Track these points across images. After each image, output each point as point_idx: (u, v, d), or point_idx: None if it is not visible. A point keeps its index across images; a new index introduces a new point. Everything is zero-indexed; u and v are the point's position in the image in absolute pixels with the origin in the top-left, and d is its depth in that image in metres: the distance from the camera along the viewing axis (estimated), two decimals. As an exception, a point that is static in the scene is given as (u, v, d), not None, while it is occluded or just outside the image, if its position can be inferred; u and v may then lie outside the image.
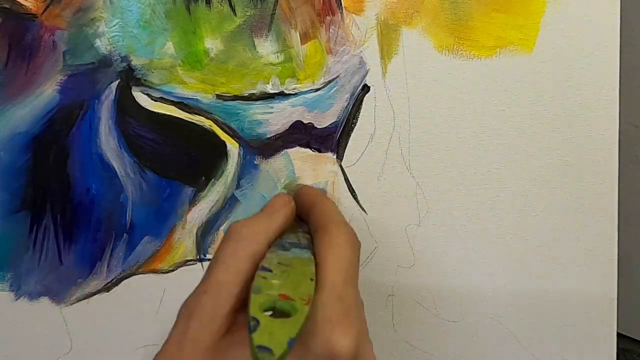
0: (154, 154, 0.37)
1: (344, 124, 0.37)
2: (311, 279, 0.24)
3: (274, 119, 0.37)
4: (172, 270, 0.38)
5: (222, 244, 0.26)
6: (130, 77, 0.36)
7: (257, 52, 0.36)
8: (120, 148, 0.37)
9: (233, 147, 0.37)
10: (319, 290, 0.24)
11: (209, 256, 0.38)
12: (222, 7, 0.36)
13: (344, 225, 0.27)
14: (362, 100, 0.37)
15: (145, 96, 0.36)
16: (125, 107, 0.36)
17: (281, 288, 0.23)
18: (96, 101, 0.36)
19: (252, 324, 0.21)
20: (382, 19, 0.37)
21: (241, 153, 0.37)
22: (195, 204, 0.37)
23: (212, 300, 0.24)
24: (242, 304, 0.25)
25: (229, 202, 0.37)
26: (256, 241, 0.26)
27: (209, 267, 0.26)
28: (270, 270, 0.24)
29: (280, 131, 0.37)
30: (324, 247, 0.26)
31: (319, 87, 0.37)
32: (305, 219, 0.30)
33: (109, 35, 0.36)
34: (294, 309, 0.22)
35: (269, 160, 0.37)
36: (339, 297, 0.24)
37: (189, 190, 0.37)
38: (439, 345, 0.39)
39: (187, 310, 0.25)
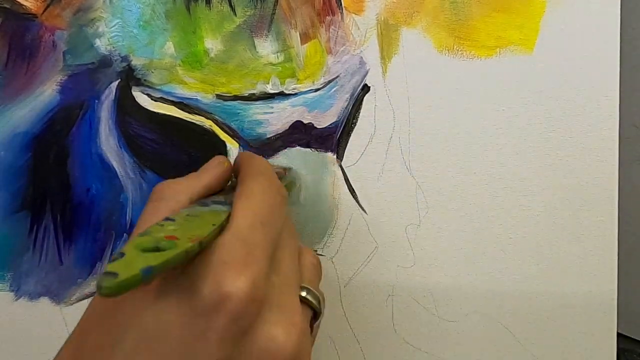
0: (154, 154, 0.37)
1: (344, 124, 0.37)
2: (213, 224, 0.23)
3: (274, 119, 0.37)
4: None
5: (146, 205, 0.26)
6: (130, 77, 0.36)
7: (257, 52, 0.36)
8: (120, 148, 0.37)
9: (233, 147, 0.37)
10: (221, 234, 0.23)
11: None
12: (222, 7, 0.36)
13: (261, 175, 0.26)
14: (362, 100, 0.37)
15: (145, 96, 0.36)
16: (125, 107, 0.36)
17: (172, 232, 0.22)
18: (96, 101, 0.36)
19: (114, 257, 0.19)
20: (382, 19, 0.37)
21: (241, 153, 0.37)
22: (195, 204, 0.37)
23: None
24: None
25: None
26: (177, 199, 0.25)
27: (133, 231, 0.25)
28: (173, 220, 0.23)
29: (280, 131, 0.37)
30: (237, 197, 0.25)
31: (319, 87, 0.37)
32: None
33: (109, 35, 0.36)
34: (174, 246, 0.20)
35: (269, 160, 0.37)
36: (242, 238, 0.23)
37: (189, 190, 0.37)
38: (439, 345, 0.39)
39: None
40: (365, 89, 0.37)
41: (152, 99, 0.36)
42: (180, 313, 0.21)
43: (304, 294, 0.25)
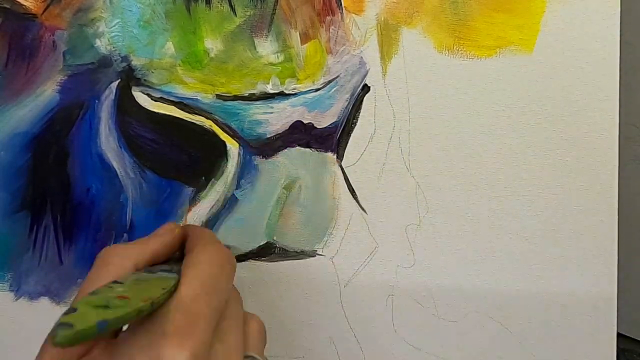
0: (154, 154, 0.37)
1: (344, 124, 0.37)
2: (163, 288, 0.23)
3: (274, 119, 0.37)
4: (172, 270, 0.38)
5: (91, 269, 0.26)
6: (130, 77, 0.36)
7: (257, 52, 0.36)
8: (120, 148, 0.37)
9: (233, 147, 0.37)
10: (164, 304, 0.23)
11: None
12: (222, 7, 0.36)
13: (209, 244, 0.27)
14: (362, 100, 0.37)
15: (145, 96, 0.36)
16: (125, 107, 0.36)
17: (122, 292, 0.22)
18: (96, 101, 0.36)
19: (66, 312, 0.20)
20: (382, 19, 0.37)
21: (241, 153, 0.37)
22: (195, 204, 0.37)
23: None
24: None
25: (229, 202, 0.37)
26: (122, 265, 0.26)
27: (78, 292, 0.25)
28: (122, 283, 0.24)
29: (280, 131, 0.37)
30: (184, 266, 0.25)
31: (319, 87, 0.37)
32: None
33: (109, 35, 0.36)
34: (126, 305, 0.21)
35: (269, 160, 0.37)
36: (185, 309, 0.23)
37: (189, 190, 0.37)
38: (439, 345, 0.39)
39: (45, 342, 0.23)
40: (365, 89, 0.37)
41: (152, 99, 0.36)
42: None
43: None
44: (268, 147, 0.37)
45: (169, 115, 0.37)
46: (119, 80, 0.36)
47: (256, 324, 0.28)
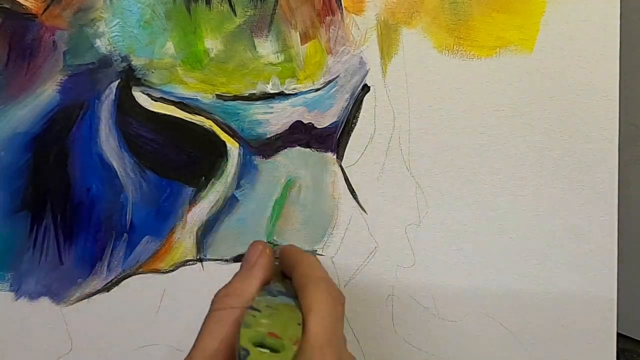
0: (154, 154, 0.37)
1: (344, 124, 0.37)
2: (298, 324, 0.25)
3: (274, 119, 0.37)
4: (172, 270, 0.38)
5: (208, 314, 0.28)
6: (130, 77, 0.36)
7: (257, 52, 0.36)
8: (120, 148, 0.37)
9: (233, 147, 0.37)
10: (303, 347, 0.25)
11: (209, 256, 0.38)
12: (222, 7, 0.36)
13: (323, 282, 0.28)
14: (362, 100, 0.37)
15: (146, 96, 0.36)
16: (126, 107, 0.36)
17: (269, 327, 0.25)
18: (96, 101, 0.36)
19: (242, 353, 0.22)
20: (382, 19, 0.37)
21: (241, 153, 0.37)
22: (195, 204, 0.37)
23: None
24: None
25: (229, 202, 0.37)
26: (238, 306, 0.27)
27: (197, 338, 0.27)
28: (259, 310, 0.26)
29: (280, 131, 0.37)
30: (306, 308, 0.26)
31: (319, 87, 0.37)
32: (289, 277, 0.31)
33: (109, 35, 0.36)
34: (283, 347, 0.23)
35: (269, 160, 0.37)
36: (320, 354, 0.24)
37: (189, 190, 0.37)
38: (439, 345, 0.39)
39: None
40: (365, 89, 0.37)
41: (152, 99, 0.36)
42: None
43: None
44: (268, 147, 0.37)
45: (169, 115, 0.37)
46: (119, 80, 0.36)
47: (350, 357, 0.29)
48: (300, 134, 0.37)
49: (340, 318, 0.27)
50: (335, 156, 0.37)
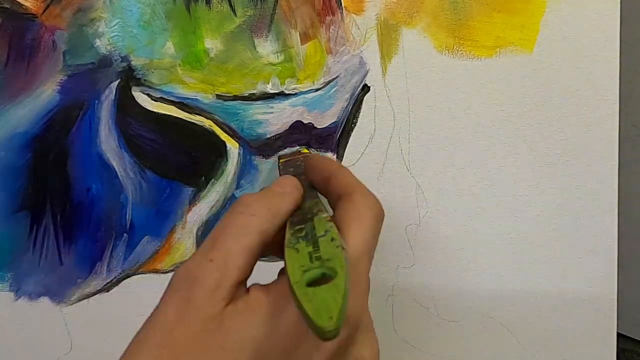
0: (154, 154, 0.37)
1: (344, 124, 0.37)
2: (336, 247, 0.23)
3: (274, 119, 0.37)
4: (172, 271, 0.37)
5: (232, 215, 0.25)
6: (130, 77, 0.36)
7: (257, 52, 0.36)
8: (120, 148, 0.37)
9: (233, 147, 0.37)
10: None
11: (209, 256, 0.38)
12: (222, 7, 0.36)
13: (369, 194, 0.26)
14: (362, 100, 0.37)
15: (145, 96, 0.36)
16: (125, 107, 0.36)
17: (314, 253, 0.23)
18: (96, 101, 0.36)
19: (296, 294, 0.21)
20: (382, 19, 0.37)
21: (241, 153, 0.37)
22: (195, 204, 0.37)
23: (218, 269, 0.23)
24: (245, 277, 0.24)
25: (229, 202, 0.37)
26: (268, 219, 0.25)
27: (214, 236, 0.24)
28: (302, 233, 0.24)
29: (280, 131, 0.37)
30: (348, 217, 0.25)
31: (319, 87, 0.37)
32: (321, 190, 0.29)
33: (109, 35, 0.36)
34: (334, 271, 0.21)
35: (269, 160, 0.37)
36: (354, 267, 0.23)
37: (189, 190, 0.37)
38: (439, 345, 0.39)
39: (188, 277, 0.23)
40: (365, 89, 0.37)
41: (152, 99, 0.36)
42: (291, 334, 0.22)
43: None
44: (268, 147, 0.37)
45: (169, 115, 0.37)
46: (119, 80, 0.36)
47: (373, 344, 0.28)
48: (300, 134, 0.37)
49: (378, 235, 0.26)
50: (335, 156, 0.37)
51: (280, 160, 0.34)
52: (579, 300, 0.38)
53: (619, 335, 0.39)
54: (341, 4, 0.37)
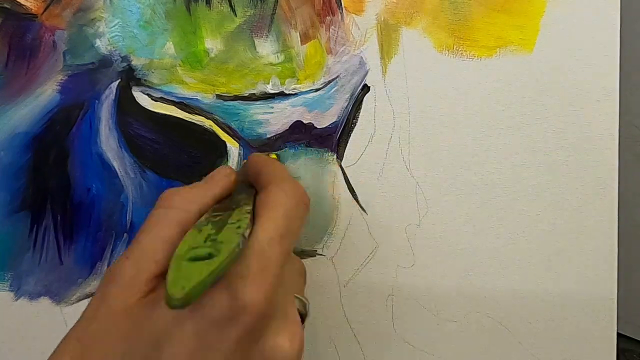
0: (154, 154, 0.37)
1: (344, 124, 0.37)
2: (238, 228, 0.23)
3: (274, 119, 0.37)
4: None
5: (152, 210, 0.26)
6: (130, 77, 0.36)
7: (257, 52, 0.36)
8: (121, 148, 0.37)
9: (233, 147, 0.37)
10: (250, 242, 0.23)
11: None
12: (222, 7, 0.36)
13: (286, 182, 0.26)
14: (362, 100, 0.37)
15: (146, 96, 0.36)
16: (126, 107, 0.36)
17: (210, 235, 0.23)
18: (96, 101, 0.36)
19: (171, 265, 0.21)
20: (382, 19, 0.37)
21: (241, 153, 0.37)
22: (195, 204, 0.37)
23: (133, 265, 0.24)
24: (164, 271, 0.24)
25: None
26: (186, 209, 0.26)
27: (137, 234, 0.25)
28: (206, 222, 0.24)
29: (280, 131, 0.37)
30: (260, 205, 0.25)
31: (319, 87, 0.37)
32: (255, 187, 0.29)
33: (109, 35, 0.36)
34: (218, 251, 0.21)
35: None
36: (260, 252, 0.23)
37: (189, 190, 0.37)
38: (439, 345, 0.39)
39: (107, 275, 0.24)
40: (365, 89, 0.37)
41: (152, 99, 0.36)
42: (193, 322, 0.22)
43: (296, 302, 0.26)
44: (268, 147, 0.37)
45: (169, 115, 0.37)
46: (119, 80, 0.36)
47: (299, 263, 0.28)
48: (300, 134, 0.37)
49: (299, 218, 0.26)
50: (335, 156, 0.37)
51: (243, 160, 0.34)
52: (579, 300, 0.38)
53: (619, 335, 0.39)
54: (341, 4, 0.37)
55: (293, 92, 0.37)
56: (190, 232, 0.23)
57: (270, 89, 0.37)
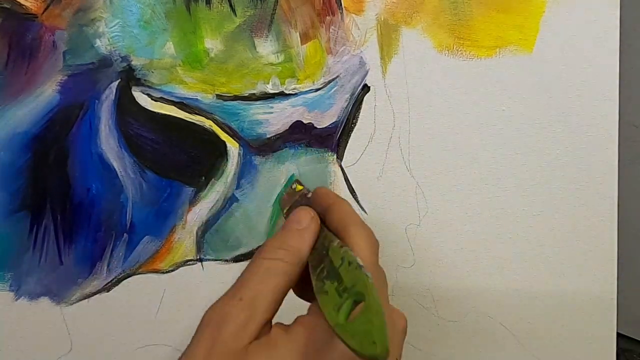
0: (154, 154, 0.37)
1: (344, 124, 0.37)
2: (350, 264, 0.25)
3: (274, 119, 0.37)
4: (172, 270, 0.38)
5: (257, 260, 0.27)
6: (130, 77, 0.36)
7: (257, 52, 0.36)
8: (120, 148, 0.37)
9: (233, 147, 0.37)
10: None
11: (209, 256, 0.38)
12: (222, 7, 0.36)
13: (361, 226, 0.28)
14: (362, 100, 0.37)
15: (145, 96, 0.36)
16: (125, 107, 0.36)
17: (340, 283, 0.24)
18: (96, 101, 0.36)
19: (337, 325, 0.22)
20: (382, 19, 0.37)
21: (241, 153, 0.37)
22: (195, 204, 0.37)
23: (249, 308, 0.25)
24: (271, 317, 0.25)
25: (229, 202, 0.37)
26: (291, 262, 0.27)
27: (242, 279, 0.26)
28: (323, 272, 0.26)
29: (280, 131, 0.37)
30: (351, 249, 0.26)
31: (319, 87, 0.37)
32: (322, 219, 0.30)
33: (109, 35, 0.36)
34: (361, 295, 0.23)
35: (269, 160, 0.37)
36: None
37: (189, 190, 0.37)
38: (439, 345, 0.39)
39: (218, 316, 0.25)
40: (365, 89, 0.37)
41: (152, 99, 0.36)
42: None
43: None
44: (268, 147, 0.37)
45: (169, 115, 0.37)
46: (119, 80, 0.36)
47: (401, 320, 0.29)
48: (300, 134, 0.37)
49: (376, 263, 0.28)
50: (335, 156, 0.37)
51: (284, 210, 0.34)
52: (579, 300, 0.38)
53: (619, 335, 0.39)
54: (341, 4, 0.37)
55: (293, 92, 0.37)
56: (320, 299, 0.24)
57: (270, 89, 0.37)
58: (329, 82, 0.37)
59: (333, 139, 0.37)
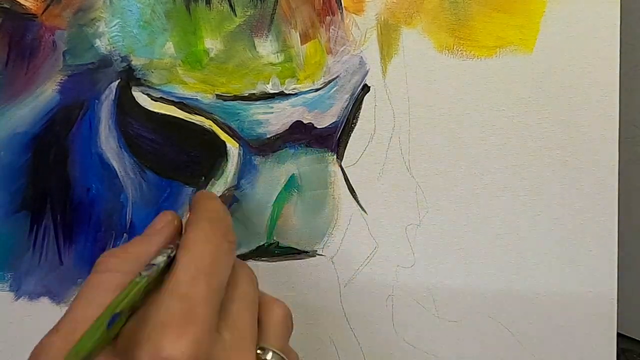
0: (154, 154, 0.37)
1: (344, 124, 0.37)
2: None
3: (274, 119, 0.37)
4: (172, 270, 0.38)
5: (89, 277, 0.24)
6: (130, 77, 0.36)
7: (257, 52, 0.36)
8: (120, 148, 0.37)
9: (233, 147, 0.37)
10: (159, 291, 0.21)
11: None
12: (222, 7, 0.36)
13: (205, 220, 0.25)
14: (362, 100, 0.37)
15: (145, 96, 0.36)
16: (125, 107, 0.36)
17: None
18: (96, 101, 0.36)
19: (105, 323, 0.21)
20: (382, 19, 0.37)
21: (241, 153, 0.37)
22: (195, 204, 0.37)
23: (62, 340, 0.21)
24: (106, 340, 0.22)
25: (229, 202, 0.37)
26: (123, 270, 0.23)
27: (70, 304, 0.23)
28: (142, 274, 0.23)
29: (280, 131, 0.37)
30: (179, 248, 0.23)
31: (319, 87, 0.37)
32: None
33: (109, 35, 0.36)
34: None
35: (269, 160, 0.37)
36: (182, 296, 0.21)
37: (189, 190, 0.37)
38: (439, 345, 0.39)
39: (39, 348, 0.22)
40: (365, 89, 0.37)
41: (152, 99, 0.36)
42: None
43: (263, 353, 0.23)
44: (268, 147, 0.37)
45: (169, 115, 0.37)
46: (119, 80, 0.36)
47: (279, 310, 0.25)
48: (300, 134, 0.37)
49: (226, 253, 0.24)
50: (335, 156, 0.37)
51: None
52: (579, 300, 0.38)
53: (619, 335, 0.39)
54: (341, 4, 0.37)
55: (293, 92, 0.37)
56: (131, 282, 0.22)
57: (270, 89, 0.37)
58: (329, 82, 0.37)
59: (333, 139, 0.37)
